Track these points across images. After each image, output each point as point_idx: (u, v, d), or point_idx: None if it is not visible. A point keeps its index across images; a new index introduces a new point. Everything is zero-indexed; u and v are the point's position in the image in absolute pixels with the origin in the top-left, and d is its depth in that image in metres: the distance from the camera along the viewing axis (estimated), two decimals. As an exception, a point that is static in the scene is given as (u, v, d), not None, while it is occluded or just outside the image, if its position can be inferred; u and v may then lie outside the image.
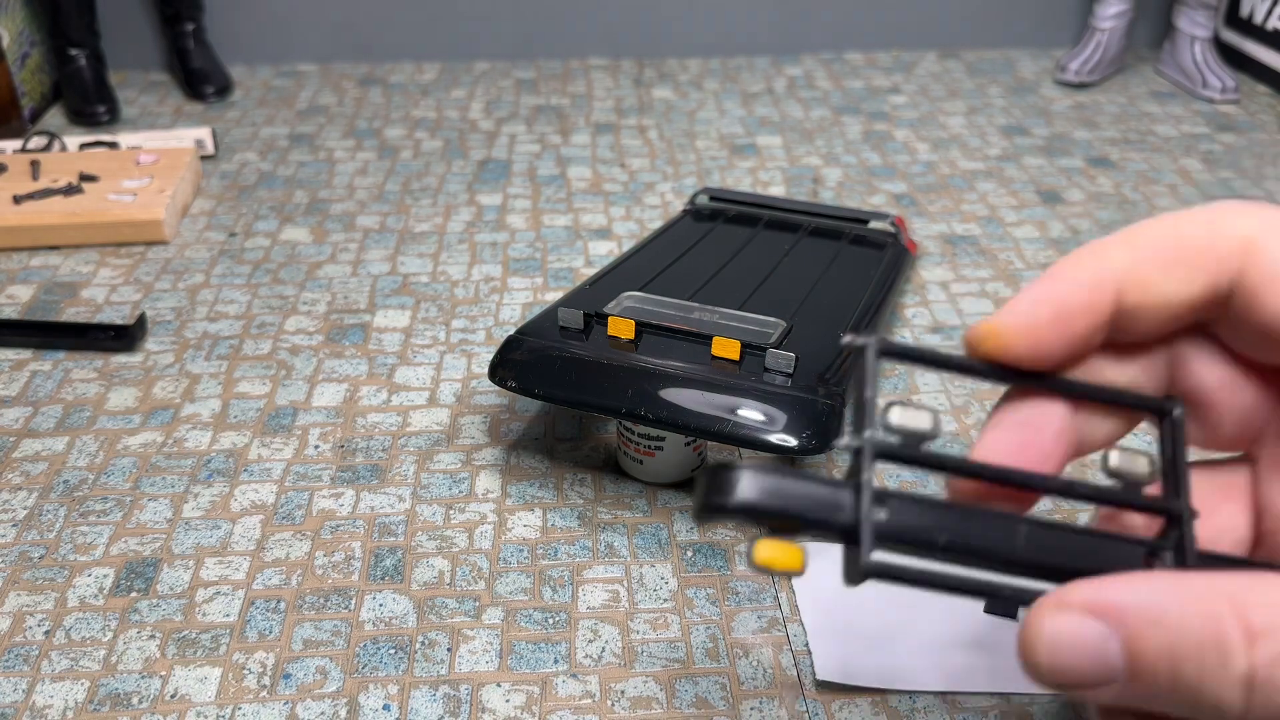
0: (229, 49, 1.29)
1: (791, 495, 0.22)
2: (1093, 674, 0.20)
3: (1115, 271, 0.22)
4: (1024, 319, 0.22)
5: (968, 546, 0.23)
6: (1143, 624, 0.20)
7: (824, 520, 0.22)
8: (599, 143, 1.08)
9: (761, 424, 0.51)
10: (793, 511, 0.22)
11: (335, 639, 0.49)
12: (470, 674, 0.47)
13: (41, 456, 0.61)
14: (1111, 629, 0.20)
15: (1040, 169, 1.02)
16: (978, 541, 0.23)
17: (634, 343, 0.57)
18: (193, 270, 0.82)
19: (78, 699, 0.46)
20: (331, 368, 0.70)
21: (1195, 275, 0.22)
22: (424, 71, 1.29)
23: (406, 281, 0.81)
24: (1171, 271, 0.22)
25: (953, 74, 1.28)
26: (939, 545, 0.22)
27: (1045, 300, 0.22)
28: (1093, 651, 0.20)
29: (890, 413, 0.23)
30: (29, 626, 0.50)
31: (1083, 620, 0.20)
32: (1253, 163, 1.04)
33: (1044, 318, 0.22)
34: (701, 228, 0.75)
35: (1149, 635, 0.19)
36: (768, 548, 0.22)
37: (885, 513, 0.22)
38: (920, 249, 0.85)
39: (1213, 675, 0.19)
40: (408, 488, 0.59)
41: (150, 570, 0.53)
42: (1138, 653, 0.20)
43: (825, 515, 0.22)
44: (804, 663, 0.48)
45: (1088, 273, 0.22)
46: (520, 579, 0.53)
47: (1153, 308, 0.22)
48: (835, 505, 0.22)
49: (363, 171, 1.01)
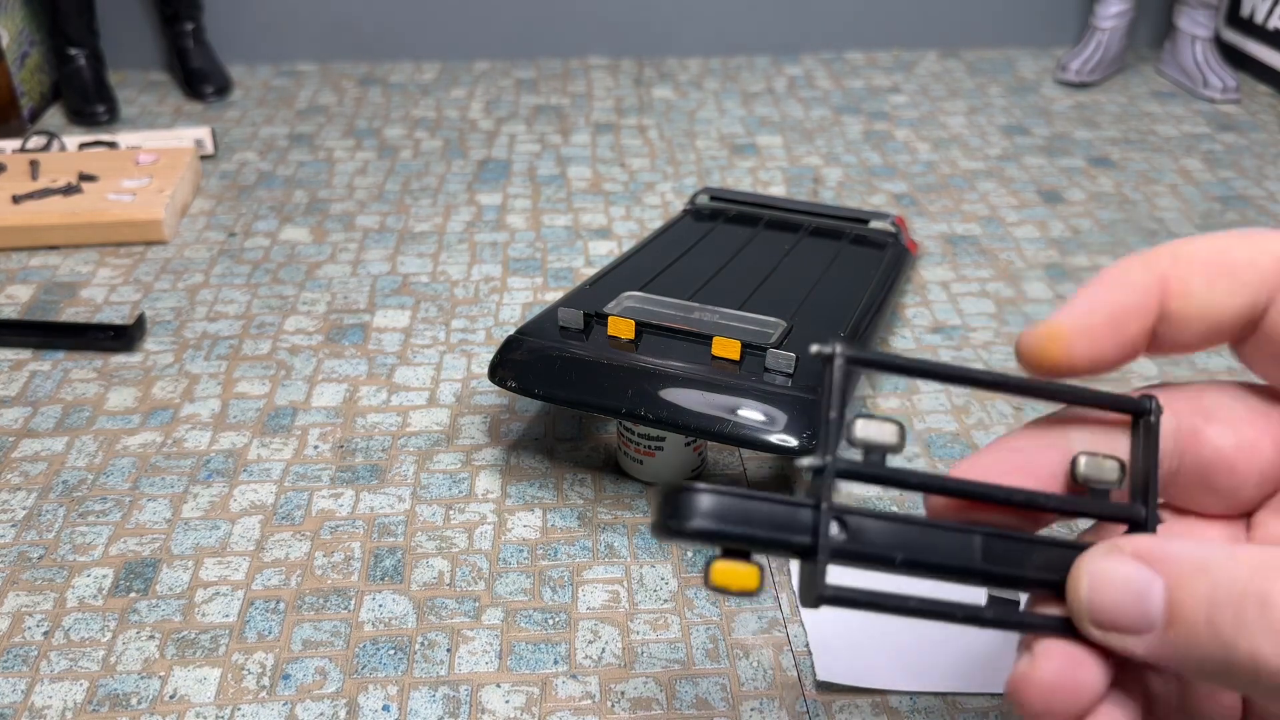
0: (228, 48, 1.29)
1: (749, 518, 0.21)
2: (1132, 616, 0.21)
3: (1162, 278, 0.23)
4: (1084, 320, 0.23)
5: (925, 562, 0.23)
6: (1188, 571, 0.20)
7: (782, 543, 0.22)
8: (599, 142, 1.08)
9: (762, 424, 0.51)
10: (750, 535, 0.22)
11: (335, 639, 0.49)
12: (470, 675, 0.47)
13: (41, 457, 0.61)
14: (1156, 574, 0.20)
15: (1041, 169, 1.02)
16: (935, 557, 0.23)
17: (634, 343, 0.56)
18: (192, 270, 0.82)
19: (77, 699, 0.46)
20: (331, 368, 0.70)
21: (1238, 289, 0.22)
22: (424, 71, 1.28)
23: (406, 281, 0.81)
24: (1215, 284, 0.22)
25: (953, 73, 1.28)
26: (896, 562, 0.22)
27: (1103, 303, 0.23)
28: (1136, 593, 0.20)
29: (855, 426, 0.23)
30: (28, 627, 0.50)
31: (1131, 563, 0.21)
32: (1254, 163, 1.03)
33: (1101, 320, 0.23)
34: (702, 227, 0.75)
35: (1192, 583, 0.20)
36: (723, 569, 0.22)
37: (843, 532, 0.22)
38: (921, 249, 0.85)
39: (1251, 626, 0.19)
40: (407, 488, 0.59)
41: (149, 571, 0.53)
42: (1179, 600, 0.20)
43: (783, 538, 0.22)
44: (804, 663, 0.48)
45: (1138, 277, 0.23)
46: (520, 579, 0.53)
47: (1195, 318, 0.23)
48: (793, 527, 0.22)
49: (362, 171, 1.00)
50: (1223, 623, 0.19)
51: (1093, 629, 0.22)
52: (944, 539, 0.23)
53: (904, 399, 0.67)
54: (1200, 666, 0.20)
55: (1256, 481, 0.24)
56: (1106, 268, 0.24)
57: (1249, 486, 0.24)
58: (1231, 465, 0.23)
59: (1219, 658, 0.19)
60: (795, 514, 0.22)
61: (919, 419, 0.65)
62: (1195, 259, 0.23)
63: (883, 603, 0.22)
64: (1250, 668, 0.19)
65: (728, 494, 0.22)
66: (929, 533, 0.23)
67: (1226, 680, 0.20)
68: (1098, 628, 0.21)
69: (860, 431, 0.23)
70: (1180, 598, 0.20)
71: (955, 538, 0.23)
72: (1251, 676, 0.19)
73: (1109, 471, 0.23)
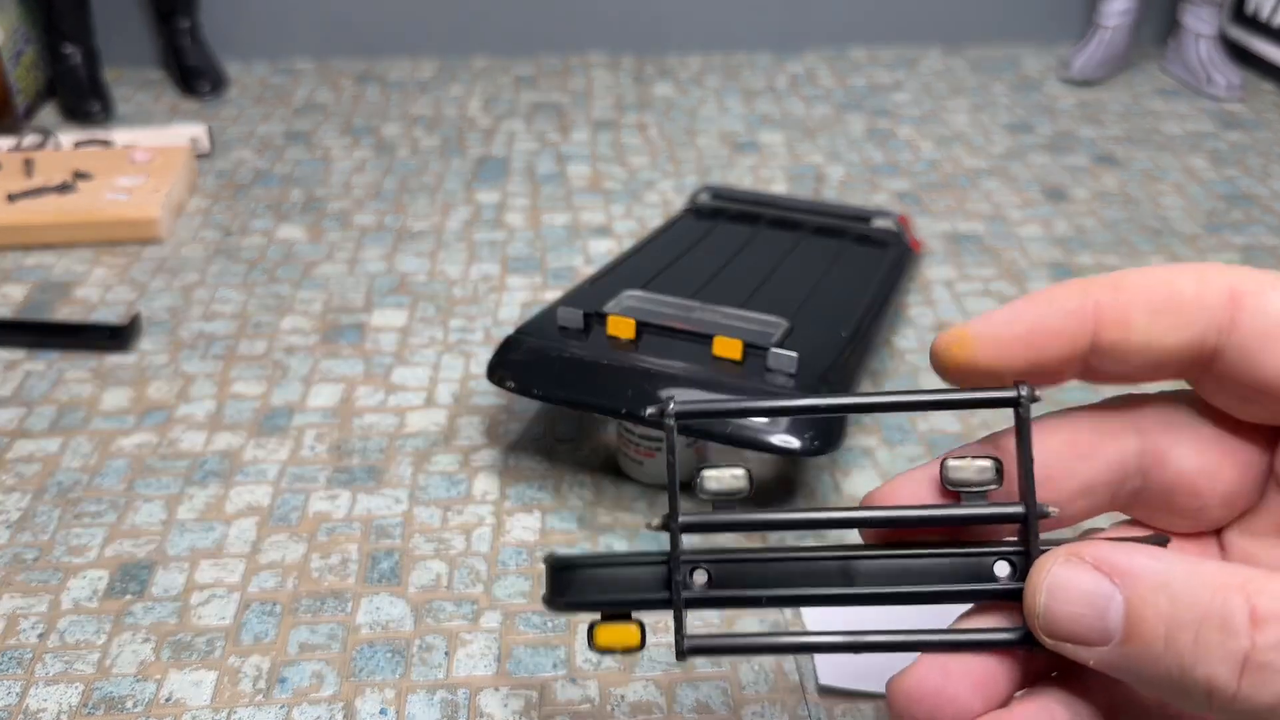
0: (224, 45, 1.28)
1: (614, 586, 0.24)
2: (1090, 627, 0.20)
3: (1098, 307, 0.22)
4: (996, 331, 0.23)
5: (795, 598, 0.24)
6: (1149, 588, 0.19)
7: (645, 602, 0.24)
8: (599, 140, 1.07)
9: (764, 425, 0.51)
10: (618, 600, 0.24)
11: (331, 642, 0.48)
12: (468, 678, 0.47)
13: (35, 458, 0.61)
14: (1117, 587, 0.20)
15: (1045, 167, 1.01)
16: (802, 590, 0.24)
17: (634, 342, 0.56)
18: (188, 269, 0.82)
19: (72, 703, 0.45)
20: (328, 368, 0.69)
21: (1182, 325, 0.22)
22: (422, 68, 1.28)
23: (404, 280, 0.80)
24: (1158, 318, 0.22)
25: (956, 71, 1.27)
26: (763, 602, 0.24)
27: (1020, 319, 0.23)
28: (1096, 605, 0.20)
29: (703, 478, 0.24)
30: (23, 629, 0.49)
31: (1091, 573, 0.20)
32: (1259, 161, 1.03)
33: (1015, 334, 0.23)
34: (703, 226, 0.74)
35: (1153, 601, 0.19)
36: (605, 632, 0.24)
37: (708, 582, 0.24)
38: (924, 247, 0.85)
39: (1209, 650, 0.18)
40: (405, 489, 0.58)
41: (144, 573, 0.52)
42: (1139, 616, 0.19)
43: (644, 598, 0.24)
44: (806, 667, 0.47)
45: (1069, 301, 0.22)
46: (519, 582, 0.52)
47: (1135, 352, 0.22)
48: (651, 587, 0.24)
49: (360, 169, 1.00)
50: (1182, 644, 0.19)
51: (1046, 638, 0.21)
52: (814, 568, 0.23)
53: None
54: (1153, 683, 0.19)
55: (1220, 503, 0.23)
56: (1044, 287, 0.23)
57: (1213, 508, 0.23)
58: (1194, 488, 0.23)
59: (1174, 678, 0.19)
60: (653, 573, 0.24)
61: (922, 419, 0.64)
62: (1138, 291, 0.22)
63: (748, 646, 0.24)
64: (1204, 691, 0.19)
65: (597, 564, 0.24)
66: (795, 566, 0.24)
67: (1178, 699, 0.19)
68: (1051, 638, 0.21)
69: (708, 484, 0.24)
70: (1140, 614, 0.19)
71: (830, 566, 0.23)
72: (1204, 699, 0.19)
73: (981, 473, 0.23)
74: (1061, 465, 0.23)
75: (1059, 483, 0.23)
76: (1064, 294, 0.22)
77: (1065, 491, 0.23)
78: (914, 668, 0.23)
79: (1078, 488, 0.23)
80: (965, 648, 0.23)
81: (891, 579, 0.23)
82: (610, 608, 0.24)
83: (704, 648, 0.24)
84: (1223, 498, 0.23)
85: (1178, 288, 0.22)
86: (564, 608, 0.24)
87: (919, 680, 0.23)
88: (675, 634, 0.24)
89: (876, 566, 0.23)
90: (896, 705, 0.23)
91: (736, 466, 0.24)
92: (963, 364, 0.23)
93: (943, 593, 0.23)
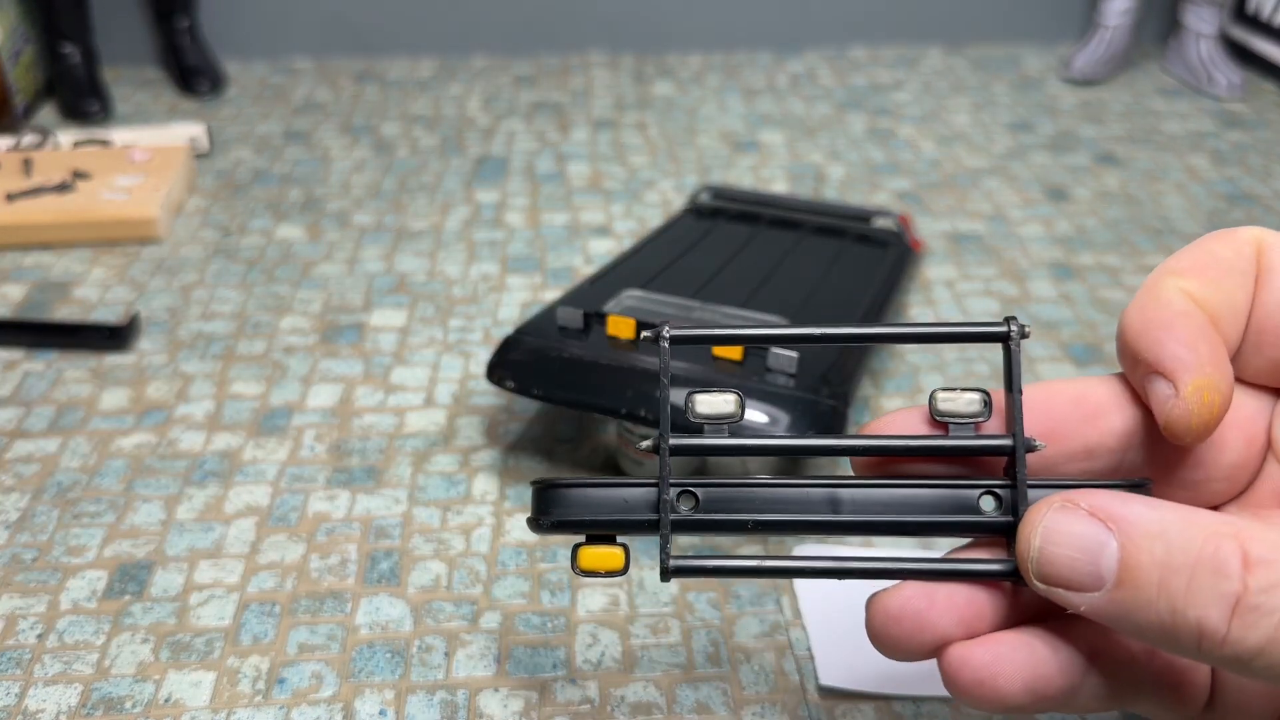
0: (223, 44, 1.28)
1: (600, 506, 0.24)
2: (1082, 572, 0.20)
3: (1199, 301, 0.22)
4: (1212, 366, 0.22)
5: (780, 524, 0.23)
6: (1144, 535, 0.20)
7: (630, 523, 0.24)
8: (598, 139, 1.07)
9: (764, 425, 0.51)
10: (603, 520, 0.24)
11: (330, 643, 0.48)
12: (467, 679, 0.47)
13: (34, 458, 0.60)
14: (1112, 533, 0.20)
15: (1046, 166, 1.01)
16: (791, 516, 0.23)
17: (634, 342, 0.56)
18: (186, 269, 0.82)
19: (71, 703, 0.45)
20: (327, 368, 0.69)
21: (1242, 280, 0.22)
22: (421, 67, 1.28)
23: (403, 280, 0.80)
24: (1226, 280, 0.22)
25: (957, 70, 1.27)
26: (747, 528, 0.23)
27: (1209, 341, 0.22)
28: (1089, 549, 0.20)
29: (694, 401, 0.24)
30: (21, 630, 0.49)
31: (1087, 519, 0.20)
32: (1260, 160, 1.03)
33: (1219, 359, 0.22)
34: (703, 225, 0.74)
35: (1148, 547, 0.19)
36: (589, 555, 0.24)
37: (693, 506, 0.23)
38: (925, 247, 0.84)
39: (1201, 593, 0.19)
40: (404, 490, 0.58)
41: (143, 573, 0.52)
42: (1133, 561, 0.19)
43: (630, 518, 0.24)
44: (807, 667, 0.47)
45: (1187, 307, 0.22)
46: (518, 583, 0.52)
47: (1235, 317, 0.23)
48: (638, 508, 0.23)
49: (359, 169, 1.00)
50: (1174, 588, 0.19)
51: (1038, 583, 0.21)
52: (801, 495, 0.23)
53: (908, 398, 0.66)
54: (1143, 628, 0.20)
55: (1223, 476, 0.23)
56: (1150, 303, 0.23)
57: (1216, 481, 0.23)
58: (1199, 460, 0.23)
59: (1165, 622, 0.19)
60: (642, 494, 0.24)
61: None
62: (1203, 266, 0.23)
63: (732, 569, 0.23)
64: (1195, 633, 0.19)
65: (585, 485, 0.24)
66: (786, 492, 0.23)
67: (1168, 643, 0.19)
68: (1043, 583, 0.21)
69: (699, 407, 0.24)
70: (1135, 559, 0.20)
71: (816, 494, 0.23)
72: (1194, 642, 0.19)
73: (968, 404, 0.23)
74: (1067, 426, 0.23)
75: (1063, 442, 0.23)
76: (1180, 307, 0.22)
77: (1067, 452, 0.24)
78: (899, 588, 0.23)
79: (1080, 449, 0.23)
80: (950, 577, 0.23)
81: (878, 509, 0.23)
82: (596, 528, 0.24)
83: (687, 568, 0.24)
84: (1227, 470, 0.23)
85: (1219, 251, 0.23)
86: (549, 527, 0.24)
87: (903, 601, 0.23)
88: (661, 553, 0.23)
89: (863, 496, 0.23)
90: (875, 621, 0.23)
91: (728, 391, 0.24)
92: (1220, 413, 0.22)
93: (928, 523, 0.23)
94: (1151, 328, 0.22)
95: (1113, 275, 0.81)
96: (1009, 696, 0.22)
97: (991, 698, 0.22)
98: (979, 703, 0.22)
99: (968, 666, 0.22)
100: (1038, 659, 0.22)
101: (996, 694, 0.22)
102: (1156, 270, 0.23)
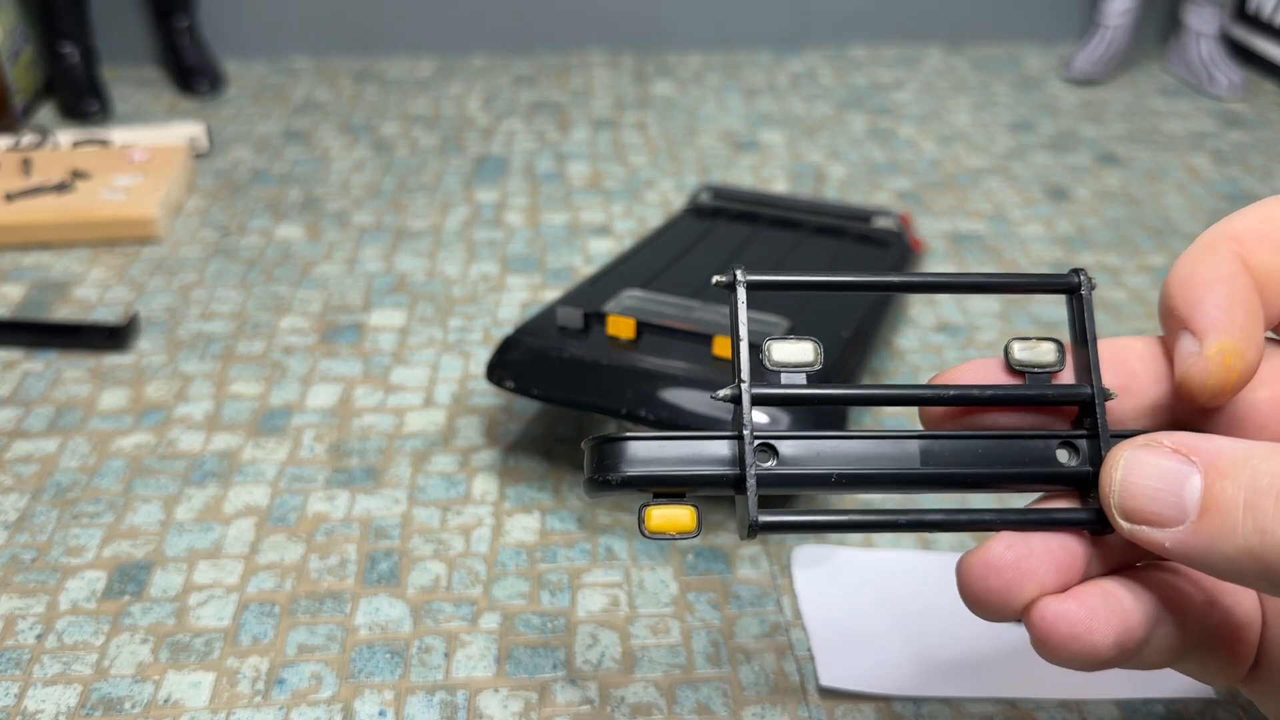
0: (223, 44, 1.28)
1: (675, 459, 0.21)
2: (1165, 503, 0.20)
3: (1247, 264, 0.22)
4: (1242, 333, 0.22)
5: (862, 477, 0.22)
6: (1230, 463, 0.19)
7: (709, 478, 0.22)
8: (598, 139, 1.07)
9: (765, 425, 0.51)
10: (677, 475, 0.21)
11: (330, 644, 0.48)
12: (467, 680, 0.46)
13: (33, 458, 0.60)
14: (1194, 465, 0.20)
15: (1047, 166, 1.01)
16: (872, 469, 0.22)
17: (634, 342, 0.56)
18: (186, 269, 0.81)
19: (70, 704, 0.45)
20: (326, 368, 0.69)
21: None
22: (421, 66, 1.28)
23: (402, 280, 0.80)
24: (1265, 249, 0.22)
25: (957, 69, 1.27)
26: (831, 482, 0.22)
27: (1247, 309, 0.22)
28: (1172, 483, 0.20)
29: (770, 349, 0.23)
30: (20, 630, 0.49)
31: (1169, 454, 0.20)
32: (1261, 160, 1.03)
33: (1252, 327, 0.22)
34: (703, 225, 0.74)
35: (1234, 474, 0.19)
36: (658, 515, 0.22)
37: (774, 460, 0.22)
38: (925, 247, 0.84)
39: None
40: (403, 490, 0.58)
41: (143, 573, 0.52)
42: (1218, 489, 0.19)
43: (709, 472, 0.22)
44: (807, 668, 0.47)
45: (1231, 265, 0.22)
46: (518, 583, 0.52)
47: None
48: (719, 462, 0.22)
49: (358, 168, 1.00)
50: (1263, 509, 0.18)
51: (1122, 521, 0.21)
52: (880, 449, 0.22)
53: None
54: (1229, 558, 0.19)
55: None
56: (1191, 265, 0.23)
57: None
58: (1263, 420, 0.23)
59: (1254, 546, 0.19)
60: (719, 447, 0.22)
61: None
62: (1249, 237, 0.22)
63: (823, 522, 0.22)
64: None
65: (653, 438, 0.22)
66: (864, 445, 0.22)
67: (1254, 571, 0.19)
68: (1127, 520, 0.21)
69: (776, 354, 0.23)
70: (1219, 487, 0.19)
71: (895, 447, 0.22)
72: None
73: (1044, 354, 0.23)
74: (1138, 382, 0.23)
75: (1134, 397, 0.23)
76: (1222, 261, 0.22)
77: (1136, 408, 0.23)
78: (993, 541, 0.22)
79: (1145, 406, 0.23)
80: (1037, 526, 0.22)
81: (960, 462, 0.22)
82: (671, 484, 0.22)
83: (778, 524, 0.21)
84: None
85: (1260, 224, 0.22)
86: (619, 484, 0.21)
87: (1000, 552, 0.22)
88: (748, 509, 0.21)
89: (942, 448, 0.22)
90: (974, 574, 0.22)
91: (805, 339, 0.23)
92: (1238, 379, 0.22)
93: (1011, 474, 0.22)
94: (1194, 285, 0.22)
95: (1113, 275, 0.81)
96: (1102, 650, 0.21)
97: (1085, 653, 0.21)
98: (1068, 658, 0.21)
99: (1063, 620, 0.21)
100: (1126, 610, 0.22)
101: (1092, 648, 0.21)
102: (1215, 227, 0.23)
